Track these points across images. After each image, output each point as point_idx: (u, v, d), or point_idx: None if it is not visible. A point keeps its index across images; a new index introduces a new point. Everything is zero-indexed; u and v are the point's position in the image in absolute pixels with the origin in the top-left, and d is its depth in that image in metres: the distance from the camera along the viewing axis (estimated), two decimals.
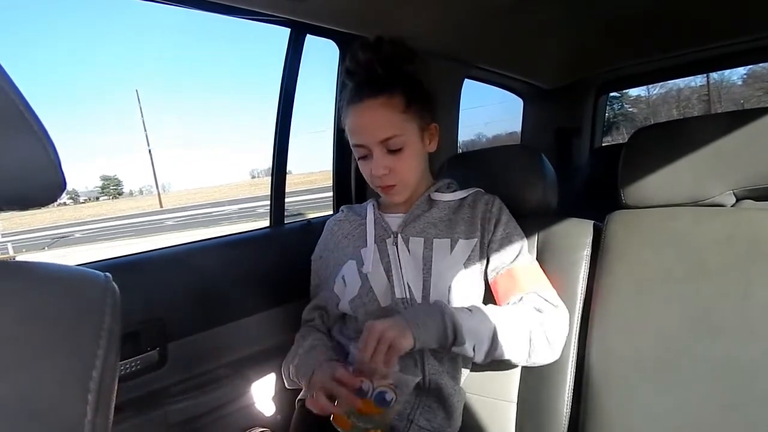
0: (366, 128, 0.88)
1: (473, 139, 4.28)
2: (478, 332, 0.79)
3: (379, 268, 0.93)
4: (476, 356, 0.81)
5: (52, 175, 0.38)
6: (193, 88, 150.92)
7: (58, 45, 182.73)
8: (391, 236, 0.95)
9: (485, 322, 0.80)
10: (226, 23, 35.65)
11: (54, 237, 17.98)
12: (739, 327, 0.75)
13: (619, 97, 11.52)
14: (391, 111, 0.87)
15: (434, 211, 0.96)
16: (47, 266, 0.39)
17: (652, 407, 0.79)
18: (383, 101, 0.87)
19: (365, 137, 0.89)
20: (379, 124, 0.87)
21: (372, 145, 0.88)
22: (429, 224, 0.95)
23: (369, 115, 0.88)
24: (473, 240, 0.92)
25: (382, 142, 0.87)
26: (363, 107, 0.88)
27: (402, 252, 0.93)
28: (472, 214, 0.94)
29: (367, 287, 0.92)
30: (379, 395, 0.71)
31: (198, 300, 1.08)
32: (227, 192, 34.08)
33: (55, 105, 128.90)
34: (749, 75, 11.81)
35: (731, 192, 0.85)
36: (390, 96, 0.87)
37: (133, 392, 0.97)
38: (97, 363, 0.35)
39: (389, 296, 0.90)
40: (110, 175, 55.16)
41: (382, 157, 0.89)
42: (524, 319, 0.83)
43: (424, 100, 0.93)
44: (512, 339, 0.81)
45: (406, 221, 0.96)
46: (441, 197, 0.98)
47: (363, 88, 0.90)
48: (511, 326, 0.82)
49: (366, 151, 0.90)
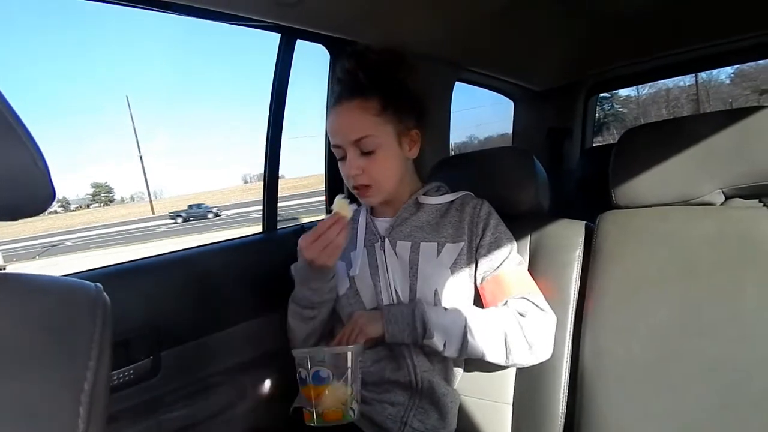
0: (340, 129, 0.91)
1: (465, 141, 4.30)
2: (448, 329, 0.84)
3: (366, 272, 0.94)
4: (446, 351, 0.85)
5: (41, 186, 0.37)
6: (184, 94, 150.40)
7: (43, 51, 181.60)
8: (379, 240, 0.96)
9: (457, 321, 0.85)
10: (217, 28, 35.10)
11: (45, 246, 17.82)
12: (730, 326, 0.76)
13: (609, 98, 11.62)
14: (365, 113, 0.89)
15: (421, 214, 0.97)
16: (38, 278, 0.39)
17: (646, 407, 0.80)
18: (358, 104, 0.90)
19: (339, 137, 0.91)
20: (352, 125, 0.90)
21: (346, 145, 0.90)
22: (416, 228, 0.95)
23: (343, 116, 0.91)
24: (460, 244, 0.92)
25: (354, 142, 0.90)
26: (339, 109, 0.91)
27: (389, 256, 0.94)
28: (460, 218, 0.95)
29: (354, 289, 0.94)
30: (315, 375, 0.76)
31: (191, 307, 1.07)
32: (219, 197, 33.95)
33: (43, 112, 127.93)
34: (737, 74, 11.96)
35: (720, 191, 0.86)
36: (365, 99, 0.90)
37: (127, 401, 0.96)
38: (89, 375, 0.34)
39: (375, 300, 0.92)
40: (101, 183, 54.76)
41: (355, 157, 0.90)
42: (501, 321, 0.85)
43: (405, 106, 0.94)
44: (486, 339, 0.84)
45: (393, 225, 0.96)
46: (428, 200, 0.98)
47: (342, 91, 0.93)
48: (485, 327, 0.85)
49: (342, 152, 0.92)
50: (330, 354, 0.76)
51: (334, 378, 0.76)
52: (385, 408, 0.89)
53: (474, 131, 4.41)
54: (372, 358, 0.90)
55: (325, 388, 0.75)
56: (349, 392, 0.77)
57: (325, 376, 0.75)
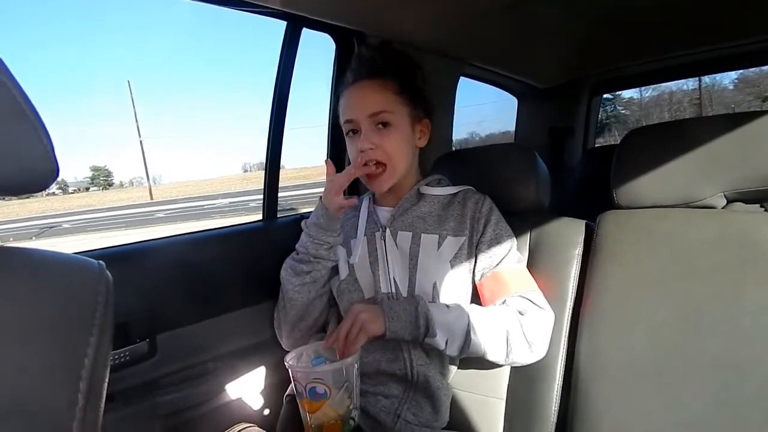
0: (358, 103, 0.92)
1: (466, 138, 4.29)
2: (451, 327, 0.82)
3: (366, 261, 0.94)
4: (448, 349, 0.83)
5: (45, 162, 0.37)
6: (186, 81, 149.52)
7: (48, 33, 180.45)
8: (380, 230, 0.96)
9: (460, 319, 0.83)
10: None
11: (42, 227, 17.77)
12: (729, 327, 0.76)
13: (611, 99, 11.58)
14: (384, 90, 0.91)
15: (423, 204, 0.97)
16: (40, 252, 0.39)
17: (642, 405, 0.80)
18: (378, 82, 0.92)
19: (355, 112, 0.92)
20: (371, 99, 0.91)
21: (361, 119, 0.91)
22: (417, 218, 0.95)
23: (362, 92, 0.92)
24: (461, 238, 0.92)
25: (371, 116, 0.90)
26: (357, 86, 0.93)
27: (390, 246, 0.94)
28: (462, 212, 0.95)
29: (353, 277, 0.94)
30: (312, 391, 0.74)
31: (189, 292, 1.07)
32: (219, 185, 33.88)
33: (46, 94, 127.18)
34: (740, 80, 11.92)
35: (722, 194, 0.86)
36: (384, 80, 0.92)
37: (123, 383, 0.97)
38: (90, 351, 0.34)
39: (373, 289, 0.92)
40: (100, 166, 54.59)
41: (370, 131, 0.91)
42: (503, 319, 0.84)
43: (419, 95, 0.95)
44: (488, 338, 0.83)
45: (394, 215, 0.96)
46: (430, 191, 0.98)
47: (360, 71, 0.94)
48: (487, 325, 0.84)
49: (355, 125, 0.93)
50: (328, 372, 0.74)
51: (333, 391, 0.73)
52: (378, 400, 0.89)
53: (476, 128, 4.40)
54: (367, 350, 0.90)
55: (322, 403, 0.73)
56: (348, 404, 0.75)
57: (322, 392, 0.73)
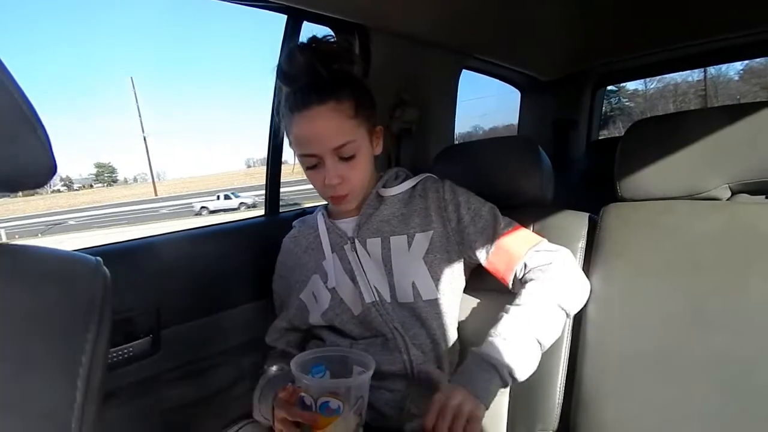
0: (317, 137, 0.84)
1: (469, 131, 4.27)
2: (518, 345, 0.78)
3: (344, 277, 0.92)
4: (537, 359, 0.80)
5: (42, 159, 0.37)
6: (189, 76, 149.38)
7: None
8: (347, 242, 0.93)
9: (526, 340, 0.79)
10: None
11: (48, 224, 17.87)
12: (734, 320, 0.76)
13: (616, 91, 11.47)
14: (341, 117, 0.83)
15: (384, 208, 0.93)
16: (38, 249, 0.39)
17: (646, 399, 0.80)
18: (332, 106, 0.83)
19: (316, 146, 0.84)
20: (331, 132, 0.83)
21: (324, 153, 0.84)
22: (382, 222, 0.93)
23: (319, 123, 0.83)
24: (429, 232, 0.91)
25: (335, 150, 0.84)
26: (311, 115, 0.83)
27: (362, 256, 0.92)
28: (425, 205, 0.92)
29: (337, 300, 0.91)
30: (323, 406, 0.68)
31: (192, 287, 1.07)
32: (223, 181, 33.94)
33: (48, 92, 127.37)
34: (746, 71, 11.77)
35: (727, 186, 0.85)
36: (338, 101, 0.83)
37: (126, 379, 0.97)
38: (87, 347, 0.34)
39: (359, 303, 0.90)
40: (104, 163, 54.82)
41: (334, 165, 0.85)
42: (538, 296, 0.82)
43: (369, 102, 0.90)
44: (548, 323, 0.81)
45: (359, 224, 0.93)
46: (388, 192, 0.95)
47: (309, 94, 0.83)
48: (541, 316, 0.81)
49: (316, 160, 0.86)
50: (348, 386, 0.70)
51: (346, 407, 0.68)
52: (383, 394, 0.89)
53: (478, 121, 4.37)
54: (368, 351, 0.88)
55: (333, 419, 0.68)
56: (357, 421, 0.71)
57: (336, 408, 0.68)
